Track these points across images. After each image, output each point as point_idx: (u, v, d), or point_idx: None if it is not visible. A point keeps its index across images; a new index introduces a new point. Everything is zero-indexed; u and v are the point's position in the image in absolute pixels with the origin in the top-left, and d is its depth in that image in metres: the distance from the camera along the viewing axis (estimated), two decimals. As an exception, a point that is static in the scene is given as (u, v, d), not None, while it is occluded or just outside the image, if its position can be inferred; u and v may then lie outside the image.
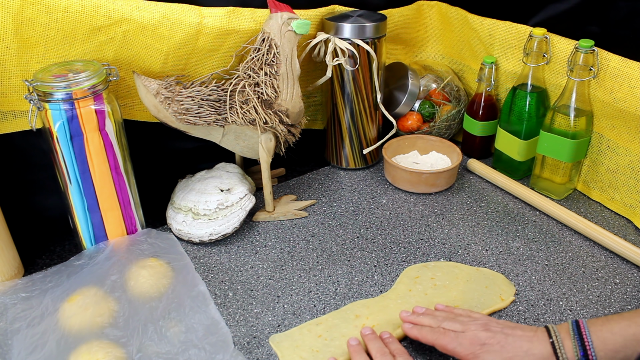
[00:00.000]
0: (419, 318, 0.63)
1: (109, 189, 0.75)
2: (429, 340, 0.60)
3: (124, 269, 0.72)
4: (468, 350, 0.56)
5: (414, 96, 1.03)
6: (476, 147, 1.03)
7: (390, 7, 1.00)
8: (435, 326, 0.61)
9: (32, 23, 0.67)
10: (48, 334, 0.63)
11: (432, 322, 0.62)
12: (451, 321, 0.60)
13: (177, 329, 0.64)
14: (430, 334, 0.60)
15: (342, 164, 1.02)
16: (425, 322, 0.62)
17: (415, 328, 0.62)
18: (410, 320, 0.64)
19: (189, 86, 0.78)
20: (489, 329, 0.58)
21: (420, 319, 0.63)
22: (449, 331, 0.59)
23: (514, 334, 0.56)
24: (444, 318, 0.62)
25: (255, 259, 0.79)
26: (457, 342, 0.57)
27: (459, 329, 0.59)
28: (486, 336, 0.57)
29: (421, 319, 0.63)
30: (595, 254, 0.79)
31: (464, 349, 0.57)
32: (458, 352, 0.57)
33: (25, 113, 0.73)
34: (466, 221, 0.86)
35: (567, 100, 0.84)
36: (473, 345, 0.56)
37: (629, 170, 0.83)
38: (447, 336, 0.59)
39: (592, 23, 0.82)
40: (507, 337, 0.56)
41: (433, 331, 0.60)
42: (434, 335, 0.60)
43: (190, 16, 0.75)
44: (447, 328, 0.60)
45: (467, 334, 0.58)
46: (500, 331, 0.57)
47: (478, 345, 0.56)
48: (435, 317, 0.62)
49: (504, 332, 0.57)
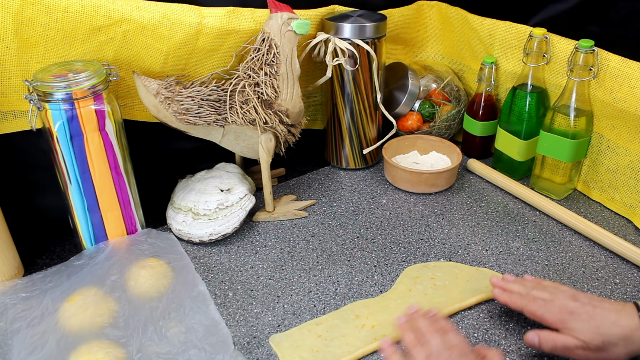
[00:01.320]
0: (509, 285, 0.66)
1: (109, 189, 0.75)
2: (518, 305, 0.62)
3: (124, 269, 0.72)
4: (556, 317, 0.59)
5: (414, 96, 1.03)
6: (476, 147, 1.03)
7: (390, 7, 1.00)
8: (525, 293, 0.63)
9: (32, 23, 0.67)
10: (48, 334, 0.63)
11: (521, 289, 0.64)
12: (540, 290, 0.62)
13: (177, 329, 0.64)
14: (520, 299, 0.62)
15: (342, 164, 1.02)
16: (515, 288, 0.64)
17: (505, 294, 0.64)
18: (500, 286, 0.66)
19: (189, 86, 0.78)
20: (577, 300, 0.59)
21: (510, 285, 0.65)
22: (538, 299, 0.61)
23: (602, 305, 0.58)
24: (533, 287, 0.64)
25: (255, 259, 0.79)
26: (546, 309, 0.60)
27: (548, 297, 0.61)
28: (574, 305, 0.59)
29: (511, 285, 0.65)
30: (595, 254, 0.79)
31: (552, 316, 0.59)
32: (546, 319, 0.59)
33: (25, 113, 0.73)
34: (466, 221, 0.86)
35: (567, 100, 0.84)
36: (561, 313, 0.58)
37: (629, 170, 0.83)
38: (536, 303, 0.61)
39: (592, 23, 0.82)
40: (595, 308, 0.58)
41: (522, 297, 0.63)
42: (524, 301, 0.62)
43: (190, 16, 0.75)
44: (537, 296, 0.62)
45: (556, 302, 0.60)
46: (588, 302, 0.59)
47: (566, 313, 0.58)
48: (525, 285, 0.64)
49: (592, 304, 0.58)
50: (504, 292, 0.65)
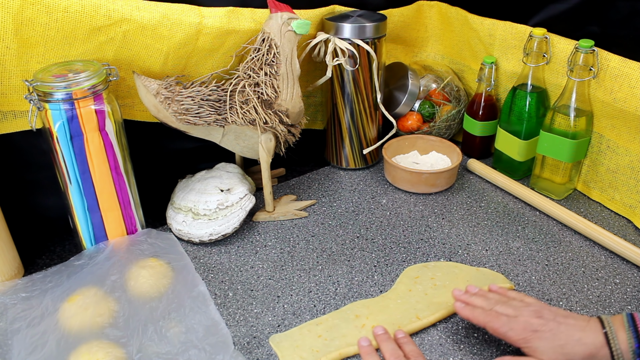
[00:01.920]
0: (471, 298, 0.63)
1: (109, 189, 0.75)
2: (481, 322, 0.60)
3: (124, 269, 0.72)
4: (520, 335, 0.57)
5: (414, 96, 1.03)
6: (476, 147, 1.03)
7: (390, 7, 1.00)
8: (488, 308, 0.61)
9: (32, 23, 0.67)
10: (48, 334, 0.63)
11: (484, 304, 0.62)
12: (504, 305, 0.60)
13: (177, 329, 0.64)
14: (483, 315, 0.60)
15: (342, 164, 1.02)
16: (478, 303, 0.62)
17: (468, 308, 0.62)
18: (462, 300, 0.64)
19: (189, 86, 0.78)
20: (542, 316, 0.57)
21: (473, 299, 0.63)
22: (502, 315, 0.59)
23: (566, 322, 0.56)
24: (496, 301, 0.62)
25: (255, 259, 0.79)
26: (509, 326, 0.58)
27: (512, 313, 0.59)
28: (538, 323, 0.57)
29: (474, 299, 0.63)
30: (595, 254, 0.79)
31: (515, 334, 0.57)
32: (509, 337, 0.57)
33: (25, 113, 0.73)
34: (466, 221, 0.86)
35: (567, 100, 0.84)
36: (525, 331, 0.57)
37: (629, 170, 0.83)
38: (499, 320, 0.59)
39: (592, 23, 0.82)
40: (560, 325, 0.56)
41: (485, 313, 0.60)
42: (487, 317, 0.60)
43: (190, 16, 0.75)
44: (500, 312, 0.60)
45: (520, 319, 0.58)
46: (552, 319, 0.57)
47: (530, 331, 0.56)
48: (488, 300, 0.62)
49: (557, 320, 0.57)
50: (467, 306, 0.62)
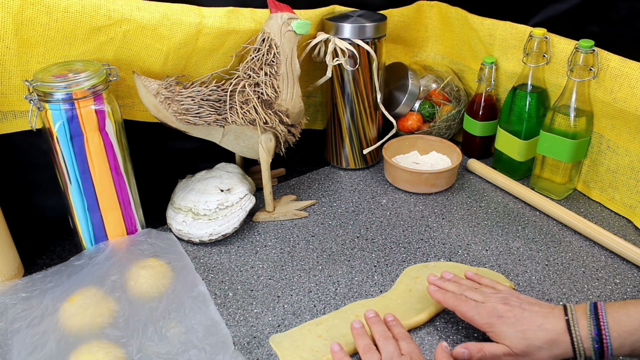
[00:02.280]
0: (445, 283, 0.66)
1: (109, 189, 0.75)
2: (450, 305, 0.63)
3: (124, 269, 0.72)
4: (485, 320, 0.59)
5: (414, 96, 1.03)
6: (476, 147, 1.03)
7: (390, 7, 1.00)
8: (459, 293, 0.63)
9: (32, 23, 0.67)
10: (48, 334, 0.63)
11: (456, 289, 0.64)
12: (474, 291, 0.63)
13: (177, 330, 0.64)
14: (452, 299, 0.63)
15: (342, 164, 1.02)
16: (450, 288, 0.65)
17: (440, 292, 0.65)
18: (436, 284, 0.66)
19: (189, 86, 0.78)
20: (508, 303, 0.60)
21: (446, 284, 0.66)
22: (470, 300, 0.62)
23: (531, 309, 0.58)
24: (467, 287, 0.64)
25: (255, 259, 0.79)
26: (476, 311, 0.60)
27: (480, 299, 0.61)
28: (504, 309, 0.59)
29: (447, 284, 0.66)
30: (595, 254, 0.79)
31: (481, 318, 0.59)
32: (476, 321, 0.60)
33: (25, 113, 0.73)
34: (466, 221, 0.86)
35: (567, 100, 0.84)
36: (490, 316, 0.59)
37: (629, 170, 0.83)
38: (467, 304, 0.61)
39: (592, 23, 0.82)
40: (524, 312, 0.58)
41: (455, 297, 0.63)
42: (456, 301, 0.62)
43: (190, 16, 0.75)
44: (469, 297, 0.62)
45: (487, 305, 0.60)
46: (518, 306, 0.59)
47: (495, 316, 0.59)
48: (460, 285, 0.65)
49: (522, 307, 0.59)
50: (439, 290, 0.65)
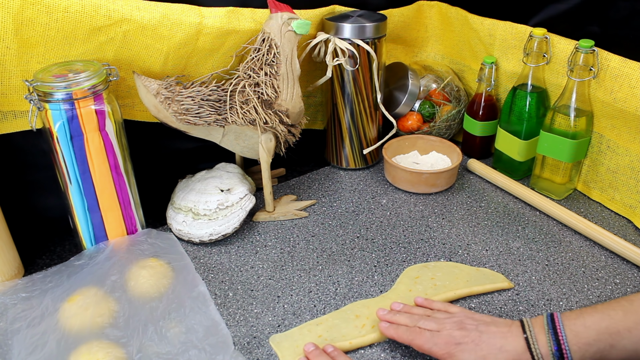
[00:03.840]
0: (395, 317, 0.63)
1: (109, 189, 0.75)
2: (405, 340, 0.60)
3: (124, 269, 0.72)
4: (443, 350, 0.57)
5: (414, 96, 1.03)
6: (476, 147, 1.03)
7: (390, 7, 1.00)
8: (412, 325, 0.61)
9: (32, 23, 0.67)
10: (48, 334, 0.63)
11: (408, 321, 0.62)
12: (427, 320, 0.61)
13: (178, 330, 0.64)
14: (407, 333, 0.60)
15: (342, 164, 1.02)
16: (402, 321, 0.62)
17: (392, 327, 0.62)
18: (387, 319, 0.64)
19: (189, 86, 0.78)
20: (464, 327, 0.58)
21: (397, 317, 0.63)
22: (425, 331, 0.59)
23: (488, 330, 0.57)
24: (420, 316, 0.62)
25: (255, 259, 0.79)
26: (433, 342, 0.58)
27: (435, 327, 0.59)
28: (460, 335, 0.57)
29: (397, 317, 0.63)
30: (595, 254, 0.79)
31: (439, 349, 0.57)
32: (434, 352, 0.58)
33: (25, 113, 0.73)
34: (466, 221, 0.86)
35: (567, 100, 0.84)
36: (448, 345, 0.57)
37: (629, 170, 0.83)
38: (422, 336, 0.59)
39: (592, 23, 0.82)
40: (482, 335, 0.56)
41: (409, 331, 0.61)
42: (411, 335, 0.60)
43: (190, 16, 0.75)
44: (423, 327, 0.60)
45: (442, 333, 0.58)
46: (474, 329, 0.57)
47: (453, 344, 0.57)
48: (412, 316, 0.63)
49: (479, 330, 0.57)
50: (391, 325, 0.62)
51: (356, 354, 0.63)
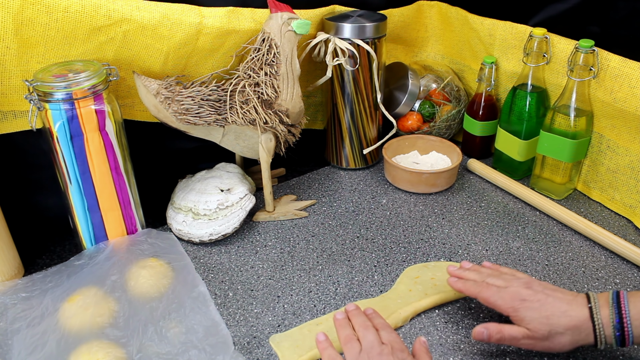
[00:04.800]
0: (465, 272, 0.66)
1: (109, 189, 0.75)
2: (472, 292, 0.63)
3: (124, 269, 0.72)
4: (508, 304, 0.59)
5: (414, 96, 1.03)
6: (476, 147, 1.03)
7: (390, 7, 1.00)
8: (480, 280, 0.63)
9: (32, 23, 0.67)
10: (48, 334, 0.63)
11: (476, 276, 0.64)
12: (495, 277, 0.63)
13: (178, 330, 0.64)
14: (474, 287, 0.63)
15: (342, 164, 1.02)
16: (471, 276, 0.65)
17: (460, 281, 0.65)
18: (456, 274, 0.66)
19: (189, 86, 0.78)
20: (531, 287, 0.60)
21: (466, 273, 0.66)
22: (492, 285, 0.61)
23: (554, 295, 0.58)
24: (488, 274, 0.64)
25: (255, 259, 0.79)
26: (499, 295, 0.60)
27: (502, 284, 0.61)
28: (527, 293, 0.59)
29: (467, 273, 0.66)
30: (595, 254, 0.79)
31: (504, 303, 0.59)
32: (499, 305, 0.60)
33: (25, 113, 0.73)
34: (466, 221, 0.86)
35: (567, 100, 0.84)
36: (514, 300, 0.59)
37: (629, 170, 0.83)
38: (489, 290, 0.61)
39: (592, 23, 0.82)
40: (548, 297, 0.58)
41: (477, 284, 0.63)
42: (477, 288, 0.62)
43: (190, 16, 0.75)
44: (491, 283, 0.62)
45: (510, 289, 0.60)
46: (541, 291, 0.59)
47: (518, 300, 0.59)
48: (480, 273, 0.65)
49: (545, 292, 0.59)
50: (459, 280, 0.65)
51: (356, 354, 0.63)
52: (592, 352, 0.62)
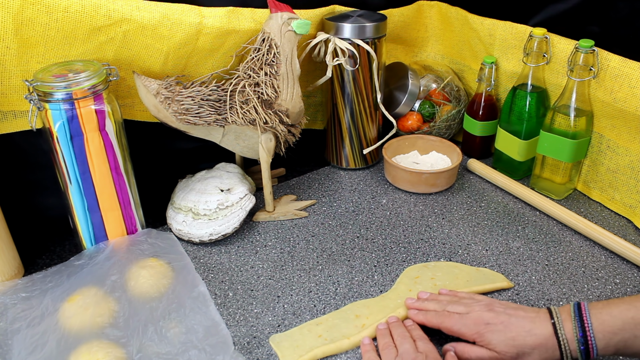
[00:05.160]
0: (424, 304, 0.66)
1: (109, 189, 0.75)
2: (435, 323, 0.63)
3: (124, 269, 0.72)
4: (473, 330, 0.59)
5: (414, 96, 1.03)
6: (476, 147, 1.03)
7: (390, 7, 1.00)
8: (440, 310, 0.63)
9: (32, 23, 0.67)
10: (48, 334, 0.63)
11: (436, 306, 0.64)
12: (455, 304, 0.63)
13: (178, 330, 0.64)
14: (436, 317, 0.63)
15: (342, 164, 1.02)
16: (430, 307, 0.65)
17: (421, 313, 0.65)
18: (415, 307, 0.66)
19: (189, 86, 0.78)
20: (493, 310, 0.60)
21: (425, 304, 0.66)
22: (454, 313, 0.61)
23: (516, 314, 0.58)
24: (448, 302, 0.64)
25: (255, 259, 0.79)
26: (462, 323, 0.60)
27: (463, 310, 0.61)
28: (490, 316, 0.59)
29: (426, 304, 0.66)
30: (595, 254, 0.79)
31: (468, 330, 0.59)
32: (463, 333, 0.59)
33: (25, 113, 0.73)
34: (466, 221, 0.86)
35: (567, 100, 0.84)
36: (477, 325, 0.59)
37: (629, 170, 0.83)
38: (452, 318, 0.61)
39: (592, 23, 0.82)
40: (510, 317, 0.58)
41: (438, 314, 0.63)
42: (439, 318, 0.62)
43: (190, 16, 0.75)
44: (452, 311, 0.62)
45: (472, 314, 0.60)
46: (503, 312, 0.59)
47: (482, 325, 0.58)
48: (440, 302, 0.65)
49: (507, 313, 0.59)
50: (420, 312, 0.65)
51: (356, 353, 0.63)
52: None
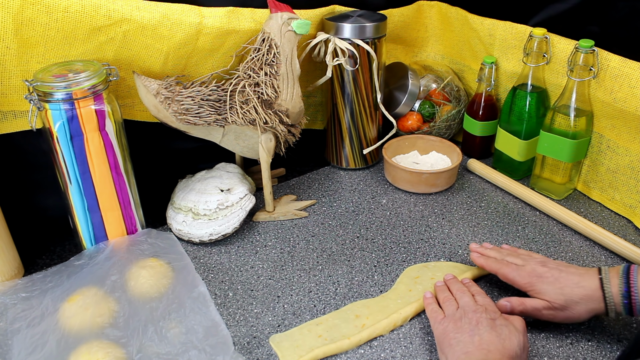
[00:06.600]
0: (486, 250, 0.73)
1: (109, 189, 0.75)
2: (493, 269, 0.69)
3: (124, 269, 0.72)
4: (526, 280, 0.65)
5: (414, 96, 1.03)
6: (476, 147, 1.03)
7: (390, 7, 1.00)
8: (500, 258, 0.70)
9: (32, 23, 0.67)
10: (48, 334, 0.63)
11: (497, 254, 0.71)
12: (513, 256, 0.69)
13: (178, 330, 0.64)
14: (495, 264, 0.69)
15: (342, 164, 1.02)
16: (491, 254, 0.71)
17: (482, 258, 0.71)
18: (478, 251, 0.73)
19: (189, 86, 0.78)
20: (546, 265, 0.66)
21: (488, 251, 0.73)
22: (511, 264, 0.68)
23: (567, 270, 0.64)
24: (507, 254, 0.70)
25: (255, 259, 0.79)
26: (517, 273, 0.66)
27: (520, 262, 0.67)
28: (543, 270, 0.65)
29: (488, 251, 0.72)
30: (595, 254, 0.79)
31: (522, 279, 0.65)
32: (517, 282, 0.66)
33: (25, 113, 0.73)
34: (466, 221, 0.86)
35: (567, 100, 0.84)
36: (531, 277, 0.65)
37: (629, 170, 0.83)
38: (509, 267, 0.67)
39: (592, 23, 0.82)
40: (561, 272, 0.64)
41: (497, 262, 0.69)
42: (498, 265, 0.69)
43: (190, 16, 0.75)
44: (510, 261, 0.68)
45: (527, 267, 0.66)
46: (555, 267, 0.65)
47: (535, 276, 0.64)
48: (500, 252, 0.71)
49: (559, 269, 0.64)
50: (481, 256, 0.71)
51: (356, 353, 0.63)
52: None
